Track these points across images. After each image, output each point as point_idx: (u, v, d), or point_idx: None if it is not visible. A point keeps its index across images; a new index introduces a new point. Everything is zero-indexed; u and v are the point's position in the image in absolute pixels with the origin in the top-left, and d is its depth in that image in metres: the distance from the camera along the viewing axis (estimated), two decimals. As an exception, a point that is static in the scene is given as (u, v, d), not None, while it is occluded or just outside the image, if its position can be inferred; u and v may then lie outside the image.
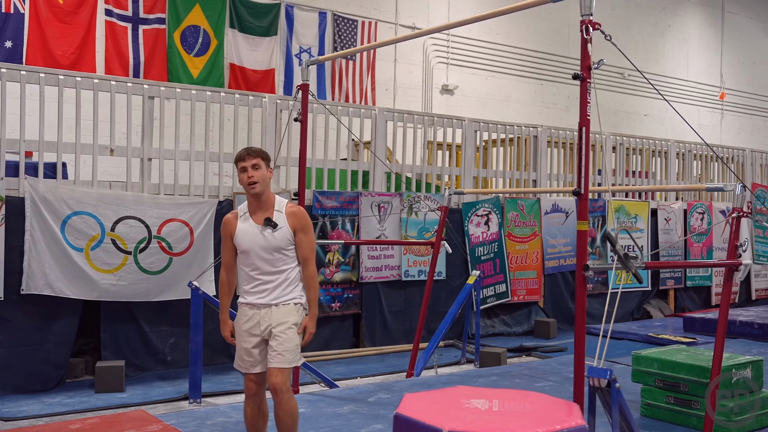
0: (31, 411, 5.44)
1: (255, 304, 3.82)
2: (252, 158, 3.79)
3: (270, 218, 3.78)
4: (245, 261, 3.85)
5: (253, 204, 3.83)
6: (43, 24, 8.93)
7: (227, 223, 3.88)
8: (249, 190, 3.78)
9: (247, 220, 3.82)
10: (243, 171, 3.80)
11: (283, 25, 10.92)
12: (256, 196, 3.79)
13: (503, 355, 7.23)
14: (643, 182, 10.65)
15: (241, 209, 3.90)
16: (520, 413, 2.77)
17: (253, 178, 3.75)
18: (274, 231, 3.77)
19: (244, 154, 3.83)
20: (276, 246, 3.77)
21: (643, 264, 3.31)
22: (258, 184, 3.76)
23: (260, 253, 3.78)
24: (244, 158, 3.81)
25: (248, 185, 3.77)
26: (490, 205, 8.80)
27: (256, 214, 3.82)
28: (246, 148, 3.88)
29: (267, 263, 3.79)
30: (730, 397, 4.53)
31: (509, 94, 13.80)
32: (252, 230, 3.79)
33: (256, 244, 3.77)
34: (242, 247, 3.82)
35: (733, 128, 17.93)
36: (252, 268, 3.83)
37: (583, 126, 3.38)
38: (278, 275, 3.82)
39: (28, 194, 6.01)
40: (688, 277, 10.65)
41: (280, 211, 3.83)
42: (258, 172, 3.77)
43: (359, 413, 4.94)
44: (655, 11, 16.31)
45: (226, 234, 3.88)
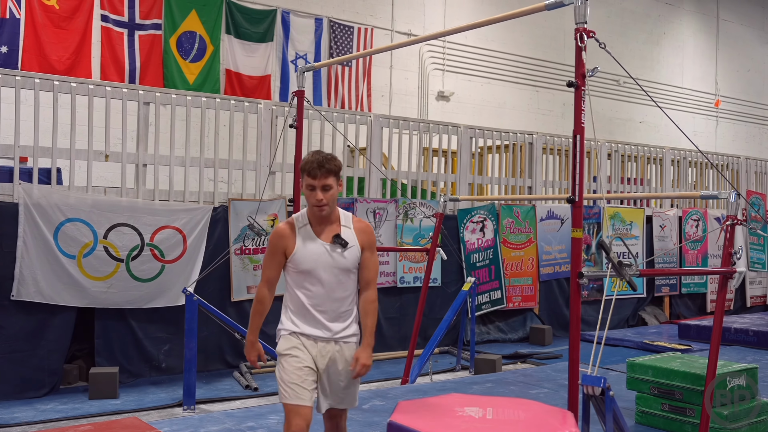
0: (25, 417, 5.41)
1: (312, 336, 3.34)
2: (324, 177, 3.21)
3: (339, 235, 3.30)
4: (301, 283, 3.32)
5: (316, 216, 3.30)
6: (38, 29, 8.93)
7: (282, 235, 3.31)
8: (316, 212, 3.27)
9: (309, 234, 3.30)
10: (311, 189, 3.24)
11: (279, 32, 10.93)
12: (321, 216, 3.30)
13: (498, 362, 7.22)
14: (638, 189, 10.67)
15: (298, 219, 3.35)
16: (514, 422, 2.76)
17: (322, 201, 3.22)
18: (345, 250, 3.29)
19: (316, 171, 3.21)
20: (345, 267, 3.30)
21: (637, 272, 3.31)
22: (327, 207, 3.25)
23: (324, 275, 3.28)
24: (316, 176, 3.21)
25: (316, 206, 3.25)
26: (485, 211, 8.80)
27: (319, 227, 3.31)
28: (318, 160, 3.22)
29: (330, 287, 3.30)
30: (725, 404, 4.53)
31: (505, 101, 13.83)
32: (317, 248, 3.28)
33: (322, 264, 3.27)
34: (303, 266, 3.28)
35: (728, 135, 17.99)
36: (309, 293, 3.32)
37: (578, 133, 3.38)
38: (340, 303, 3.35)
39: (22, 200, 5.99)
40: (683, 284, 10.66)
41: (348, 227, 3.36)
42: (329, 193, 3.23)
43: (353, 420, 4.93)
44: (650, 19, 16.38)
45: (278, 247, 3.32)
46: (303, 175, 3.25)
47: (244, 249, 7.09)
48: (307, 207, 3.32)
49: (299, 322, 3.36)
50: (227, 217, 7.05)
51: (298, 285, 3.33)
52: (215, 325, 6.45)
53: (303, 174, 3.25)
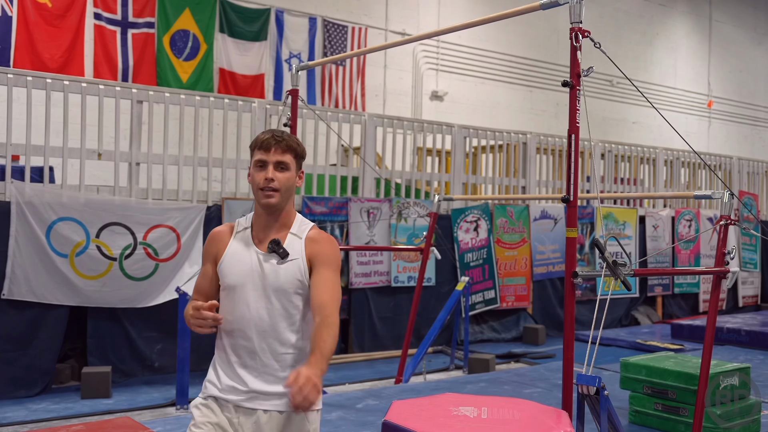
0: (16, 417, 5.38)
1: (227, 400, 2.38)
2: (281, 152, 2.37)
3: (278, 241, 2.37)
4: (227, 308, 2.39)
5: (262, 218, 2.42)
6: (31, 27, 8.88)
7: (215, 238, 2.49)
8: (261, 197, 2.37)
9: (247, 239, 2.43)
10: (261, 167, 2.38)
11: (273, 30, 10.91)
12: (269, 208, 2.39)
13: (492, 362, 7.23)
14: (632, 189, 10.70)
15: (240, 222, 2.49)
16: (509, 421, 2.76)
17: (273, 182, 2.35)
18: (282, 263, 2.37)
19: (270, 142, 2.37)
20: (278, 287, 2.35)
21: (631, 271, 3.31)
22: (278, 194, 2.36)
23: (253, 296, 2.36)
24: (269, 148, 2.37)
25: (262, 190, 2.36)
26: (479, 211, 8.80)
27: (263, 232, 2.43)
28: (273, 132, 2.41)
29: (259, 316, 2.35)
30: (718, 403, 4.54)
31: (498, 101, 13.84)
32: (248, 256, 2.39)
33: (251, 279, 2.37)
34: (227, 279, 2.39)
35: (721, 136, 18.05)
36: (230, 323, 2.38)
37: (573, 133, 3.38)
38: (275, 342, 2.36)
39: (14, 199, 5.96)
40: (675, 284, 10.70)
41: (298, 236, 2.42)
42: (284, 174, 2.37)
43: (347, 420, 4.92)
44: (643, 20, 16.42)
45: (209, 254, 2.48)
46: (251, 152, 2.44)
47: (237, 248, 7.07)
48: (254, 208, 2.48)
49: (220, 373, 2.41)
50: (221, 216, 7.03)
51: (225, 310, 2.41)
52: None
53: (252, 151, 2.45)
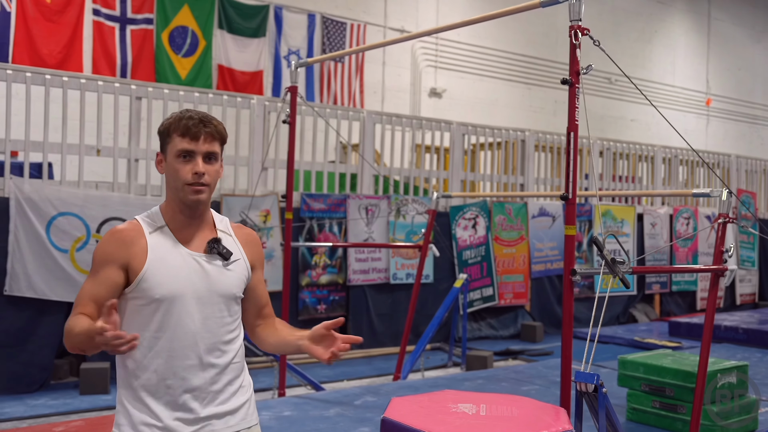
0: (15, 413, 5.39)
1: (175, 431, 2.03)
2: (210, 138, 2.10)
3: (218, 240, 2.14)
4: (152, 326, 2.04)
5: (180, 216, 2.12)
6: (29, 23, 8.87)
7: (122, 240, 2.06)
8: (188, 194, 2.07)
9: (168, 240, 2.10)
10: (185, 157, 2.07)
11: (272, 27, 10.90)
12: (196, 206, 2.11)
13: (489, 359, 7.24)
14: (630, 187, 10.71)
15: (146, 222, 2.12)
16: (507, 418, 2.77)
17: (204, 177, 2.08)
18: (227, 263, 2.14)
19: (199, 129, 2.08)
20: (228, 292, 2.13)
21: (629, 269, 3.32)
22: (207, 189, 2.11)
23: (196, 306, 2.07)
24: (198, 136, 2.07)
25: (190, 185, 2.07)
26: (477, 208, 8.81)
27: (184, 230, 2.13)
28: (199, 115, 2.11)
29: (208, 327, 2.09)
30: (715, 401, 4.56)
31: (497, 98, 13.85)
32: (184, 261, 2.08)
33: (192, 287, 2.07)
34: (160, 291, 2.03)
35: (719, 134, 18.07)
36: (175, 345, 2.04)
37: (572, 131, 3.39)
38: (226, 356, 2.12)
39: (13, 194, 5.96)
40: (673, 281, 10.72)
41: (227, 233, 2.21)
42: (213, 166, 2.12)
43: (345, 416, 4.93)
44: (641, 17, 16.42)
45: (113, 258, 2.04)
46: (168, 137, 2.10)
47: (236, 245, 7.08)
48: (165, 201, 2.16)
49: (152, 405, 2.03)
50: (219, 212, 7.02)
51: (146, 330, 2.04)
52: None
53: (168, 136, 2.10)
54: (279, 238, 7.26)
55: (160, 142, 2.14)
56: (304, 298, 7.53)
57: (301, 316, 7.50)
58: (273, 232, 7.30)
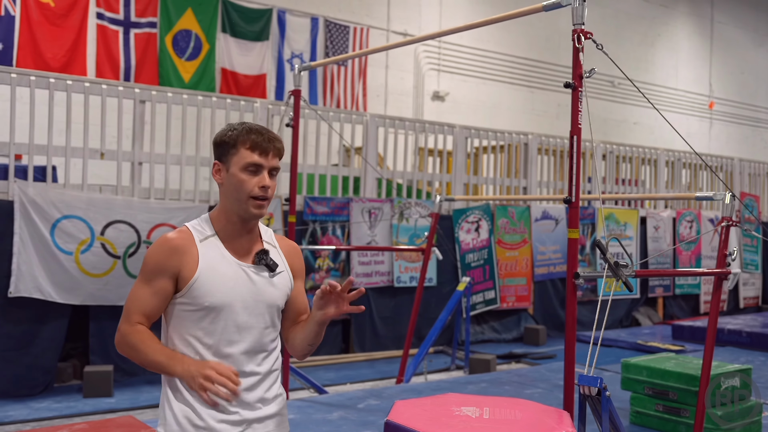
0: (19, 416, 5.40)
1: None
2: (275, 154, 2.15)
3: (266, 251, 2.19)
4: (200, 332, 2.11)
5: (233, 227, 2.17)
6: (33, 26, 8.90)
7: (175, 249, 2.10)
8: (251, 207, 2.12)
9: (218, 249, 2.14)
10: (252, 172, 2.12)
11: (275, 31, 10.93)
12: (255, 219, 2.17)
13: (493, 362, 7.24)
14: (633, 190, 10.71)
15: (197, 230, 2.17)
16: (511, 421, 2.77)
17: (269, 191, 2.13)
18: (274, 275, 2.19)
19: (268, 145, 2.12)
20: (273, 302, 2.18)
21: (633, 272, 3.32)
22: (268, 203, 2.15)
23: (244, 315, 2.13)
24: (267, 151, 2.12)
25: (255, 198, 2.11)
26: (480, 211, 8.81)
27: (233, 241, 2.17)
28: (266, 131, 2.15)
29: (253, 336, 2.15)
30: (719, 404, 4.56)
31: (500, 102, 13.85)
32: (233, 271, 2.13)
33: (241, 296, 2.12)
34: (210, 299, 2.08)
35: (722, 137, 18.06)
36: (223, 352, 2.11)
37: (575, 134, 3.39)
38: (265, 361, 2.19)
39: (17, 197, 5.97)
40: (676, 285, 10.71)
41: (272, 245, 2.27)
42: (274, 182, 2.17)
43: (349, 420, 4.94)
44: (644, 21, 16.43)
45: (166, 267, 2.10)
46: (234, 148, 2.12)
47: (239, 248, 7.09)
48: (217, 210, 2.19)
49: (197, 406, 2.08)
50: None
51: (191, 338, 2.11)
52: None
53: (234, 147, 2.12)
54: (282, 242, 7.25)
55: (221, 152, 2.15)
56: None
57: (304, 319, 7.49)
58: (276, 236, 7.30)
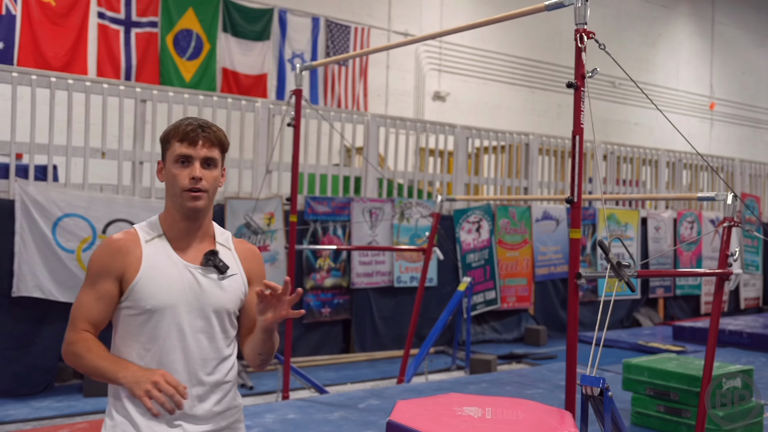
0: (19, 415, 5.39)
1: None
2: (208, 146, 2.04)
3: (215, 252, 2.08)
4: (142, 337, 2.00)
5: (179, 225, 2.07)
6: (35, 26, 8.89)
7: (118, 249, 2.02)
8: (185, 200, 2.02)
9: (164, 250, 2.05)
10: (183, 163, 2.03)
11: (276, 30, 10.92)
12: (193, 214, 2.05)
13: (493, 362, 7.24)
14: (633, 191, 10.71)
15: (144, 230, 2.09)
16: (513, 421, 2.77)
17: (201, 182, 2.02)
18: (223, 278, 2.08)
19: (197, 134, 2.02)
20: (222, 307, 2.06)
21: (635, 273, 3.32)
22: (206, 195, 2.04)
23: (188, 319, 2.01)
24: (195, 140, 2.02)
25: (188, 191, 2.02)
26: (481, 212, 8.81)
27: (181, 240, 2.07)
28: (198, 121, 2.06)
29: (197, 342, 2.03)
30: (720, 405, 4.55)
31: (501, 102, 13.85)
32: (178, 272, 2.02)
33: (185, 299, 2.01)
34: (151, 302, 1.98)
35: (723, 138, 18.06)
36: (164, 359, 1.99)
37: (577, 134, 3.38)
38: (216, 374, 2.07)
39: (18, 196, 5.97)
40: (677, 285, 10.70)
41: (227, 247, 2.15)
42: (211, 173, 2.05)
43: (350, 419, 4.93)
44: (645, 21, 16.42)
45: (110, 269, 2.00)
46: (168, 143, 2.06)
47: (240, 247, 7.08)
48: (165, 210, 2.09)
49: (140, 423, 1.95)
50: (223, 215, 7.04)
51: (134, 344, 2.01)
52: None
53: (168, 142, 2.06)
54: (283, 241, 7.26)
55: (162, 150, 2.10)
56: (308, 302, 7.53)
57: (306, 319, 7.50)
58: (277, 235, 7.30)
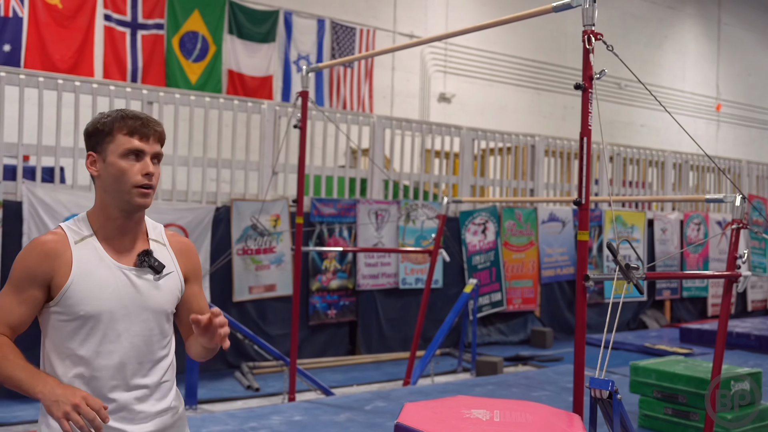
0: (26, 416, 5.40)
1: None
2: (157, 138, 2.01)
3: (150, 252, 2.01)
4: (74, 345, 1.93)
5: (115, 223, 1.99)
6: (41, 28, 8.92)
7: (46, 253, 1.92)
8: (135, 197, 1.95)
9: (95, 251, 1.96)
10: (134, 157, 1.95)
11: (282, 32, 10.93)
12: (138, 211, 1.99)
13: (499, 364, 7.22)
14: (640, 192, 10.68)
15: (72, 230, 1.98)
16: (522, 424, 2.76)
17: (152, 178, 1.98)
18: (159, 277, 2.02)
19: (148, 129, 1.97)
20: (160, 308, 2.02)
21: (643, 275, 3.31)
22: (153, 192, 2.01)
23: (124, 324, 1.95)
24: (147, 135, 1.97)
25: (139, 187, 1.95)
26: (487, 213, 8.80)
27: (113, 240, 1.99)
28: (144, 115, 2.01)
29: (136, 347, 1.98)
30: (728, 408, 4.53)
31: (506, 103, 13.83)
32: (112, 275, 1.95)
33: (121, 303, 1.95)
34: (83, 307, 1.91)
35: (729, 139, 18.00)
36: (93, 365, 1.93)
37: (585, 136, 3.38)
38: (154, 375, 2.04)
39: (26, 198, 5.98)
40: (684, 287, 10.66)
41: (161, 242, 2.09)
42: (158, 169, 2.01)
43: (356, 421, 4.92)
44: (651, 23, 16.39)
45: (37, 274, 1.91)
46: (110, 135, 1.95)
47: (246, 249, 7.09)
48: (94, 207, 2.01)
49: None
50: (229, 217, 7.04)
51: (66, 351, 1.94)
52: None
53: (110, 134, 1.95)
54: (289, 243, 7.26)
55: (95, 141, 1.97)
56: (314, 303, 7.53)
57: (312, 321, 7.50)
58: (283, 237, 7.30)
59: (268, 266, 7.21)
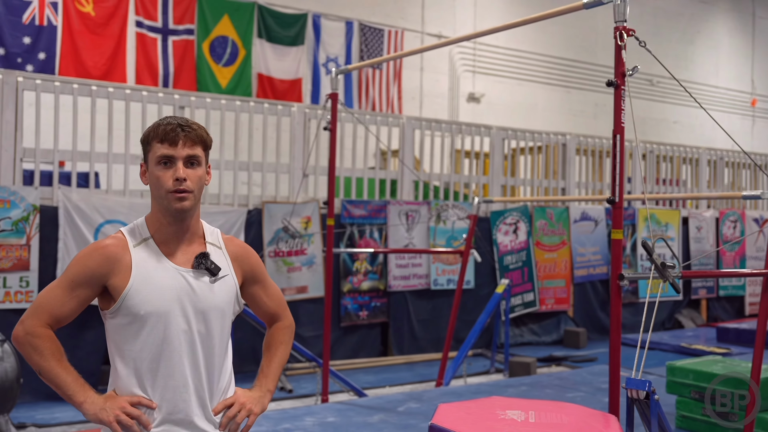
0: (64, 418, 5.49)
1: None
2: (190, 144, 2.01)
3: (206, 254, 2.03)
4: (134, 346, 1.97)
5: (167, 228, 2.02)
6: (75, 36, 9.07)
7: (106, 256, 1.97)
8: (171, 202, 1.97)
9: (153, 254, 2.00)
10: (166, 164, 1.98)
11: (310, 35, 10.97)
12: (180, 215, 2.00)
13: (533, 365, 7.17)
14: (673, 190, 10.53)
15: (132, 232, 2.04)
16: (557, 425, 2.73)
17: (186, 183, 1.97)
18: (215, 280, 2.03)
19: (177, 134, 1.98)
20: (216, 309, 2.03)
21: (679, 273, 3.25)
22: (191, 195, 1.99)
23: (183, 324, 1.98)
24: (176, 140, 1.97)
25: (173, 192, 1.97)
26: (518, 213, 8.74)
27: (170, 244, 2.03)
28: (177, 119, 2.03)
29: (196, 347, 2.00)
30: (768, 409, 4.45)
31: (536, 102, 13.73)
32: (170, 277, 1.98)
33: (180, 304, 1.97)
34: (143, 308, 1.95)
35: (765, 135, 17.67)
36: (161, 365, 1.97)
37: (618, 133, 3.34)
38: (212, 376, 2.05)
39: (61, 203, 6.08)
40: (720, 286, 10.48)
41: (217, 246, 2.11)
42: (195, 171, 2.01)
43: (389, 423, 4.92)
44: (683, 18, 16.15)
45: (94, 274, 1.97)
46: (149, 145, 2.01)
47: (278, 251, 7.13)
48: (151, 211, 2.05)
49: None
50: (261, 220, 7.09)
51: (128, 352, 1.98)
52: (249, 326, 6.48)
53: (149, 144, 2.01)
54: (320, 245, 7.29)
55: (144, 153, 2.05)
56: (345, 305, 7.54)
57: (343, 322, 7.52)
58: (314, 239, 7.33)
59: (299, 268, 7.24)
